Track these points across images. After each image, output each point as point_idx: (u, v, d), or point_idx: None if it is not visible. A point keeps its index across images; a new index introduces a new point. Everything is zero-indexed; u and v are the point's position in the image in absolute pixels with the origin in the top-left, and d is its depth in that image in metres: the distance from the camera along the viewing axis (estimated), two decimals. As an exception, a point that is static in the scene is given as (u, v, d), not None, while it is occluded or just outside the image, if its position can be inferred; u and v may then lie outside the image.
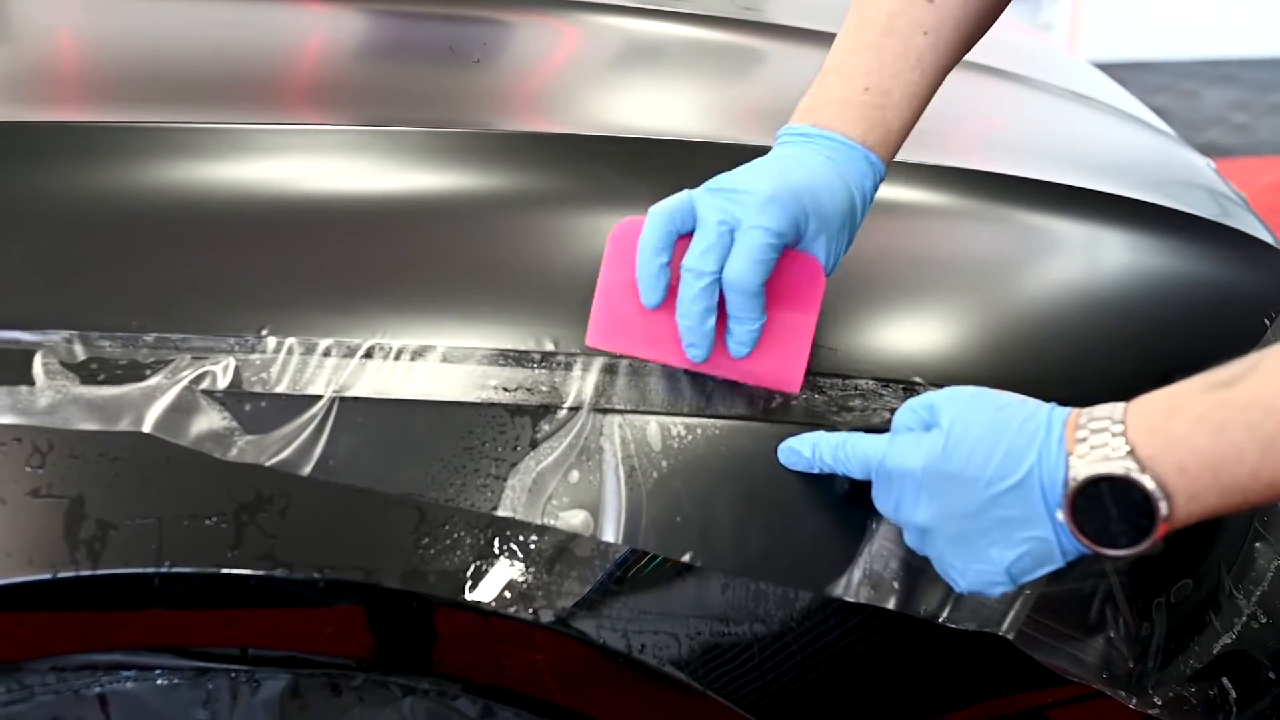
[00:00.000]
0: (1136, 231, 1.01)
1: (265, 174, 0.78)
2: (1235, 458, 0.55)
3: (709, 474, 0.71)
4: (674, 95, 1.05)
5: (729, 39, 1.24)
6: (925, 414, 0.66)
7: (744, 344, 0.69)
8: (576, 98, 1.01)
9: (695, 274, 0.67)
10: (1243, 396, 0.55)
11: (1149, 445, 0.57)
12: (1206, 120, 4.26)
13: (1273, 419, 0.54)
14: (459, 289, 0.74)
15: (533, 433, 0.70)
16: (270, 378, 0.69)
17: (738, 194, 0.68)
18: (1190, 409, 0.57)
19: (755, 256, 0.66)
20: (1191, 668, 0.83)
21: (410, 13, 1.16)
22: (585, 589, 0.69)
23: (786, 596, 0.71)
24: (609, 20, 1.21)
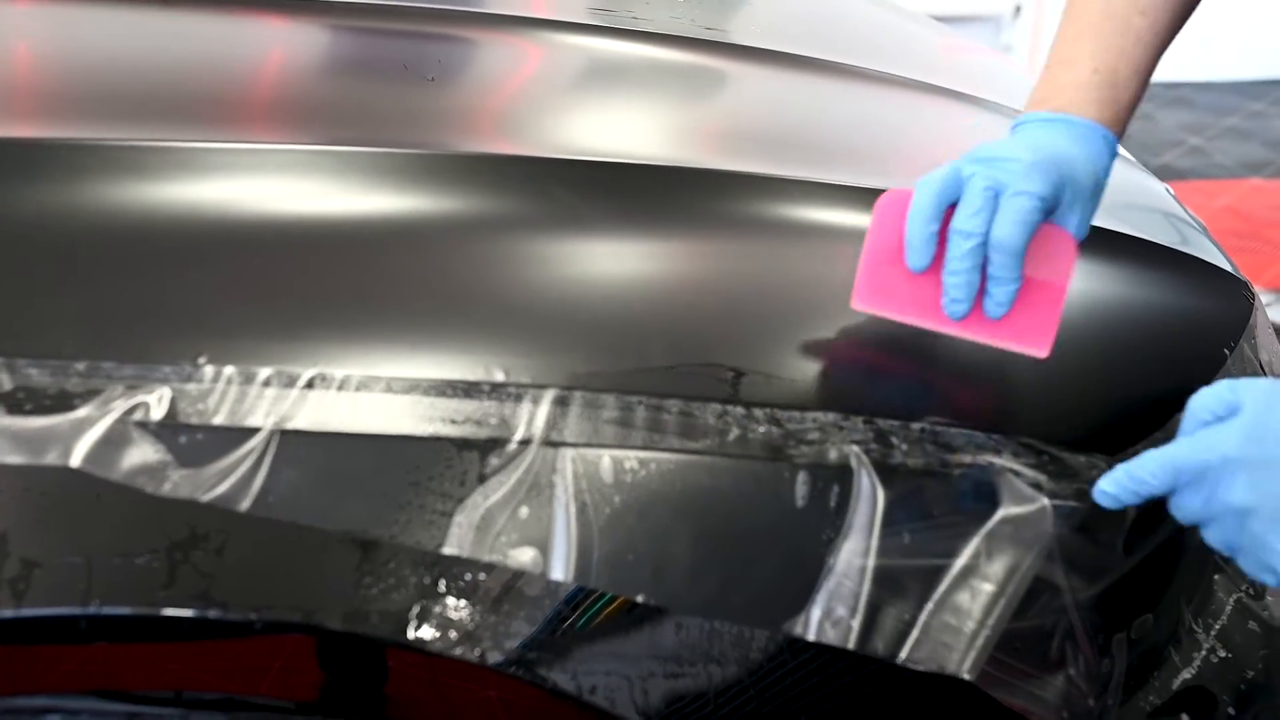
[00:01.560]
0: (1097, 259, 1.00)
1: (206, 195, 0.75)
2: None
3: (663, 510, 0.69)
4: (634, 117, 1.04)
5: (691, 60, 1.22)
6: (1222, 407, 0.69)
7: (1003, 304, 0.74)
8: (533, 118, 0.99)
9: (965, 235, 0.72)
10: None
11: None
12: (1162, 143, 4.31)
13: None
14: (407, 316, 0.72)
15: (481, 467, 0.68)
16: (207, 409, 0.67)
17: (1004, 161, 0.73)
18: None
19: (1020, 219, 0.71)
20: (1151, 704, 0.82)
21: (367, 29, 1.14)
22: (534, 629, 0.67)
23: (742, 636, 0.69)
24: (570, 39, 1.19)
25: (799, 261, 0.83)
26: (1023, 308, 0.75)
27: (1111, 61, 0.80)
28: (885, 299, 0.77)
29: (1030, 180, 0.72)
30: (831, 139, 1.11)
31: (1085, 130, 0.78)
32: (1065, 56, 0.81)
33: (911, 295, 0.76)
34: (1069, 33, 0.82)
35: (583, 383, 0.70)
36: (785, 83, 1.22)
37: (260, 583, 0.65)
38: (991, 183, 0.72)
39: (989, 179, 0.73)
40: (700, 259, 0.81)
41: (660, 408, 0.70)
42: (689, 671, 0.69)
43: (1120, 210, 1.17)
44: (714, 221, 0.83)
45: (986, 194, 0.72)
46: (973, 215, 0.72)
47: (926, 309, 0.76)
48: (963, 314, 0.74)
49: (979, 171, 0.73)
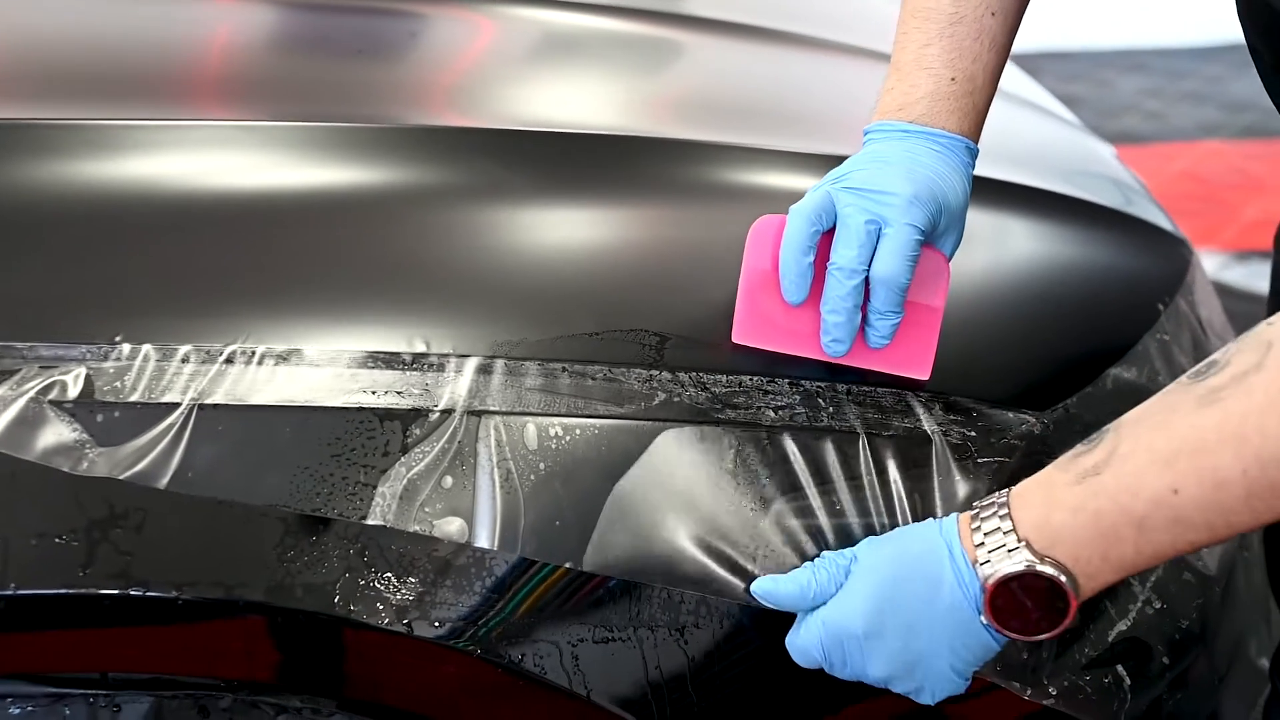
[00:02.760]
0: (1040, 220, 1.00)
1: (120, 172, 0.74)
2: (1116, 540, 0.60)
3: (589, 476, 0.69)
4: (566, 86, 1.03)
5: (645, 31, 1.21)
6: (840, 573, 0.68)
7: (885, 336, 0.73)
8: (464, 90, 0.98)
9: (847, 273, 0.70)
10: (1110, 484, 0.60)
11: (1040, 539, 0.62)
12: (1121, 108, 4.32)
13: (1139, 501, 0.59)
14: (327, 289, 0.71)
15: (403, 437, 0.67)
16: (124, 386, 0.66)
17: (881, 195, 0.70)
18: (1066, 501, 0.61)
19: (905, 253, 0.70)
20: (1087, 656, 0.83)
21: (303, 4, 1.13)
22: (461, 598, 0.67)
23: (670, 598, 0.69)
24: (515, 11, 1.18)
25: (724, 226, 0.82)
26: (902, 334, 0.74)
27: (968, 68, 0.76)
28: (765, 332, 0.74)
29: (912, 214, 0.70)
30: (769, 106, 1.10)
31: (952, 146, 0.75)
32: (918, 62, 0.77)
33: (790, 327, 0.74)
34: (918, 37, 0.77)
35: (506, 351, 0.70)
36: (726, 51, 1.21)
37: (181, 559, 0.65)
38: (872, 217, 0.70)
39: (869, 213, 0.70)
40: (624, 226, 0.81)
41: (585, 374, 0.70)
42: (621, 636, 0.69)
43: (1065, 173, 1.17)
44: (638, 188, 0.83)
45: (869, 228, 0.70)
46: (855, 251, 0.70)
47: (806, 341, 0.74)
48: (844, 352, 0.73)
49: (856, 204, 0.71)
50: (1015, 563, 0.62)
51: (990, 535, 0.63)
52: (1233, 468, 0.56)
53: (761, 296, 0.73)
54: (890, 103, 0.77)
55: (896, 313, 0.71)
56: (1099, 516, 0.60)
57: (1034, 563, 0.61)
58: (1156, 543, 0.60)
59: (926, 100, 0.75)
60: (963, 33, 0.76)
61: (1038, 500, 0.63)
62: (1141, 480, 0.59)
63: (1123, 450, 0.60)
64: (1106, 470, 0.60)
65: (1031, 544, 0.62)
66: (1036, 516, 0.62)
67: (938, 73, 0.76)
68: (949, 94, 0.76)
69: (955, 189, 0.74)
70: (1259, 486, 0.56)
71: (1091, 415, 0.86)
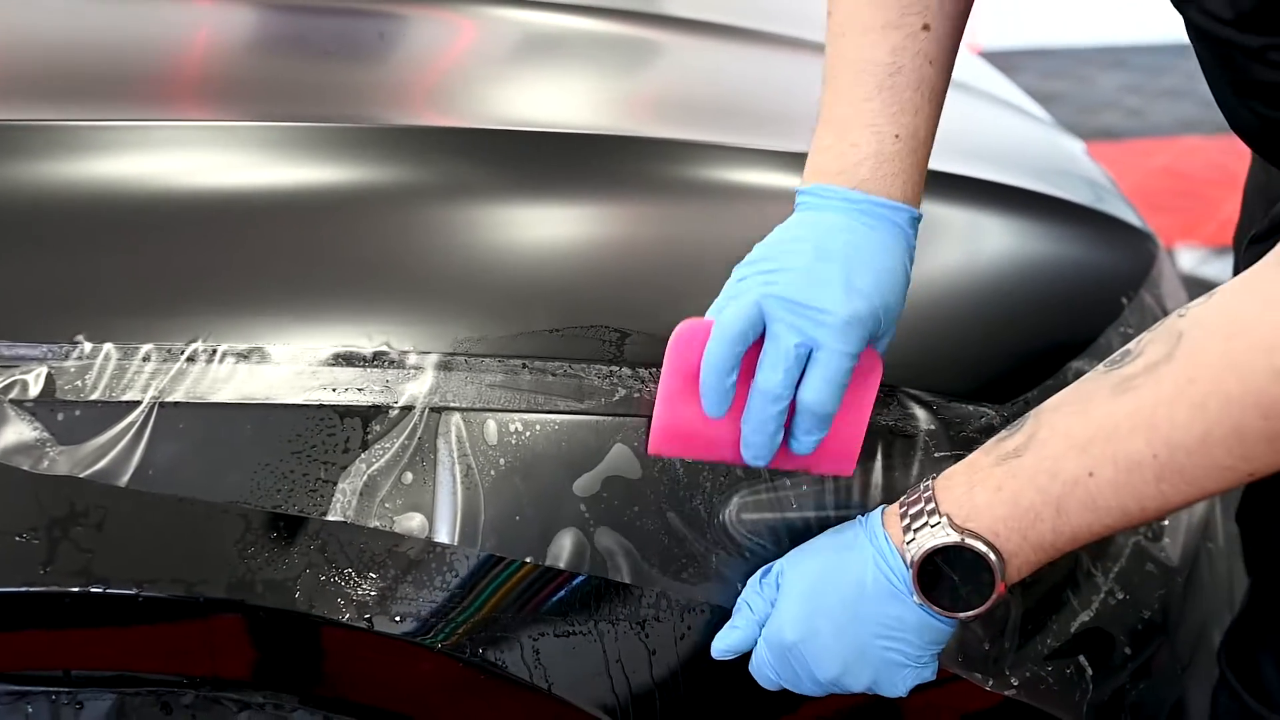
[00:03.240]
0: (1003, 215, 1.01)
1: (81, 172, 0.74)
2: (1035, 519, 0.62)
3: (549, 471, 0.69)
4: (532, 85, 1.04)
5: (616, 30, 1.22)
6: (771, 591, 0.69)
7: (808, 449, 0.68)
8: (418, 88, 0.98)
9: (771, 397, 0.65)
10: (1029, 466, 0.62)
11: (960, 514, 0.64)
12: (1101, 104, 4.35)
13: (1056, 483, 0.61)
14: (288, 287, 0.71)
15: (364, 434, 0.68)
16: (85, 385, 0.66)
17: (816, 313, 0.65)
18: (987, 481, 0.63)
19: (836, 381, 0.65)
20: (1049, 647, 0.84)
21: (263, 3, 1.13)
22: (421, 593, 0.67)
23: (630, 594, 0.70)
24: (487, 11, 1.18)
25: (686, 223, 0.83)
26: (828, 436, 0.69)
27: (910, 122, 0.71)
28: (683, 444, 0.70)
29: (847, 338, 0.65)
30: (737, 104, 1.11)
31: (897, 219, 0.70)
32: (858, 118, 0.71)
33: (709, 435, 0.69)
34: (856, 91, 0.71)
35: (467, 348, 0.70)
36: (696, 50, 1.22)
37: (142, 556, 0.65)
38: (803, 338, 0.65)
39: (800, 334, 0.65)
40: (585, 223, 0.81)
41: (545, 370, 0.71)
42: (582, 631, 0.70)
43: (1030, 168, 1.18)
44: (598, 185, 0.83)
45: (798, 351, 0.65)
46: (780, 375, 0.65)
47: (726, 449, 0.70)
48: (765, 464, 0.68)
49: (787, 321, 0.65)
50: (936, 537, 0.63)
51: (916, 517, 0.65)
52: (1144, 453, 0.58)
53: (680, 406, 0.68)
54: (828, 164, 0.71)
55: (822, 430, 0.67)
56: (1017, 496, 0.62)
57: (954, 535, 0.63)
58: (1074, 524, 0.62)
59: (870, 162, 0.70)
60: (902, 84, 0.71)
61: (961, 481, 0.65)
62: (1059, 463, 0.61)
63: (1041, 435, 0.62)
64: (1026, 453, 0.62)
65: (953, 518, 0.64)
66: (959, 495, 0.64)
67: (880, 130, 0.71)
68: (893, 154, 0.70)
69: (898, 283, 0.69)
70: (1168, 471, 0.58)
71: (1052, 408, 0.87)
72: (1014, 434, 0.64)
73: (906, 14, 0.71)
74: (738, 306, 0.66)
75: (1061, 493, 0.61)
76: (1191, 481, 0.59)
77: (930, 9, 0.71)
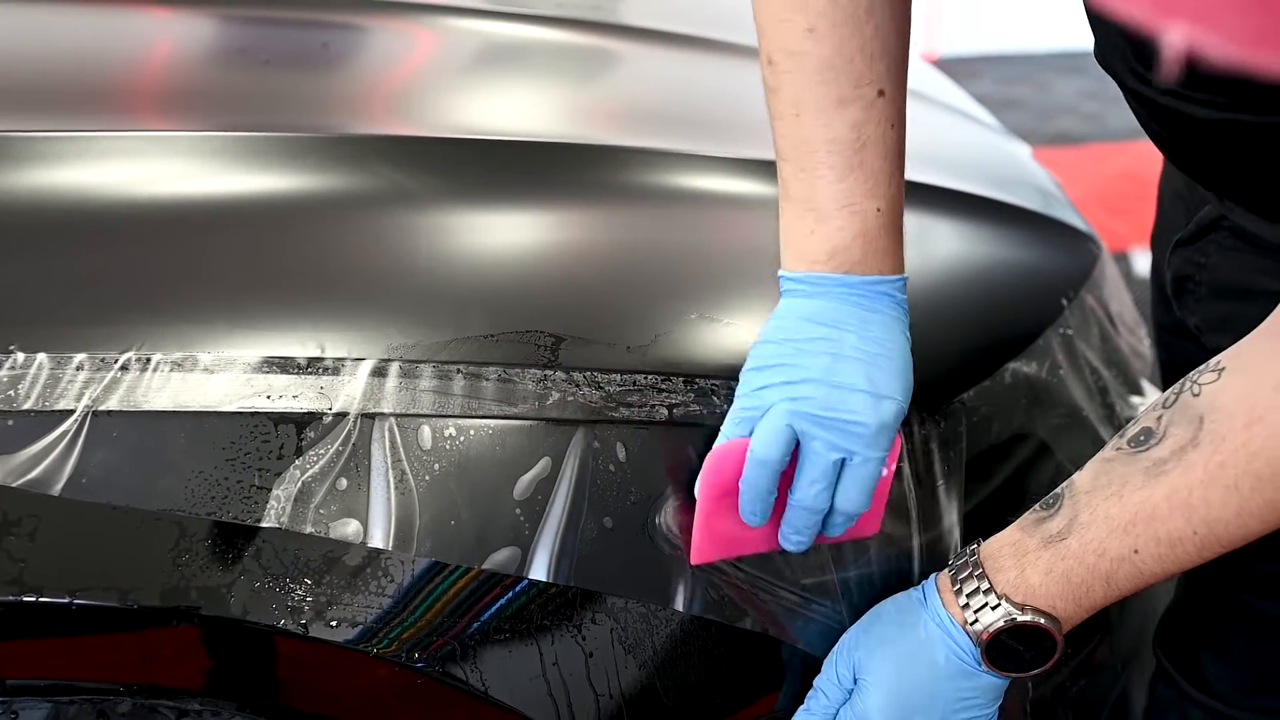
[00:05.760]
0: (942, 217, 1.02)
1: (13, 182, 0.74)
2: (1087, 591, 0.68)
3: (484, 476, 0.70)
4: (474, 94, 1.04)
5: (572, 40, 1.22)
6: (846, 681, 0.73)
7: (841, 532, 0.73)
8: (362, 99, 0.99)
9: (812, 510, 0.70)
10: (1075, 548, 0.67)
11: (1017, 594, 0.68)
12: (1058, 109, 4.40)
13: (1104, 561, 0.66)
14: (222, 295, 0.71)
15: (298, 441, 0.68)
16: (18, 395, 0.66)
17: (848, 425, 0.68)
18: (1037, 563, 0.68)
19: (871, 484, 0.70)
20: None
21: (209, 14, 1.13)
22: (357, 599, 0.68)
23: (567, 597, 0.71)
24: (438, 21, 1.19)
25: (616, 228, 0.84)
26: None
27: (886, 191, 0.71)
28: (723, 548, 0.73)
29: (878, 445, 0.69)
30: (688, 112, 1.12)
31: (894, 289, 0.72)
32: (837, 199, 0.70)
33: (748, 537, 0.73)
34: (828, 173, 0.70)
35: (401, 354, 0.71)
36: (646, 58, 1.23)
37: (75, 565, 0.65)
38: (837, 450, 0.68)
39: (835, 449, 0.68)
40: (519, 228, 0.82)
41: (480, 375, 0.71)
42: (521, 634, 0.70)
43: (972, 171, 1.19)
44: (531, 191, 0.84)
45: (834, 464, 0.68)
46: (820, 490, 0.69)
47: (764, 543, 0.73)
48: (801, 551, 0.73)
49: (824, 439, 0.68)
50: (1000, 618, 0.68)
51: (972, 596, 0.69)
52: (1184, 530, 0.64)
53: (719, 520, 0.71)
54: (815, 249, 0.71)
55: (854, 520, 0.72)
56: (1069, 576, 0.67)
57: (1016, 615, 0.68)
58: (1123, 590, 0.67)
59: (860, 243, 0.70)
60: (870, 157, 0.70)
61: (1010, 563, 0.69)
62: (1104, 545, 0.66)
63: (1082, 519, 0.67)
64: (1071, 536, 0.67)
65: (1010, 598, 0.68)
66: (1012, 577, 0.69)
67: (862, 208, 0.70)
68: (878, 229, 0.71)
69: (908, 361, 0.71)
70: (1208, 542, 0.64)
71: (988, 408, 0.89)
72: (1054, 516, 0.69)
73: (860, 85, 0.69)
74: (769, 429, 0.68)
75: (1110, 569, 0.66)
76: (1229, 545, 0.64)
77: (880, 73, 0.70)
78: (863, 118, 0.70)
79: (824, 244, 0.71)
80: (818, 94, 0.69)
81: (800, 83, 0.69)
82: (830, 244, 0.71)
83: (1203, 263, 0.84)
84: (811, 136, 0.70)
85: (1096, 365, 1.04)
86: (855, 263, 0.71)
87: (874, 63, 0.69)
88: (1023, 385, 0.93)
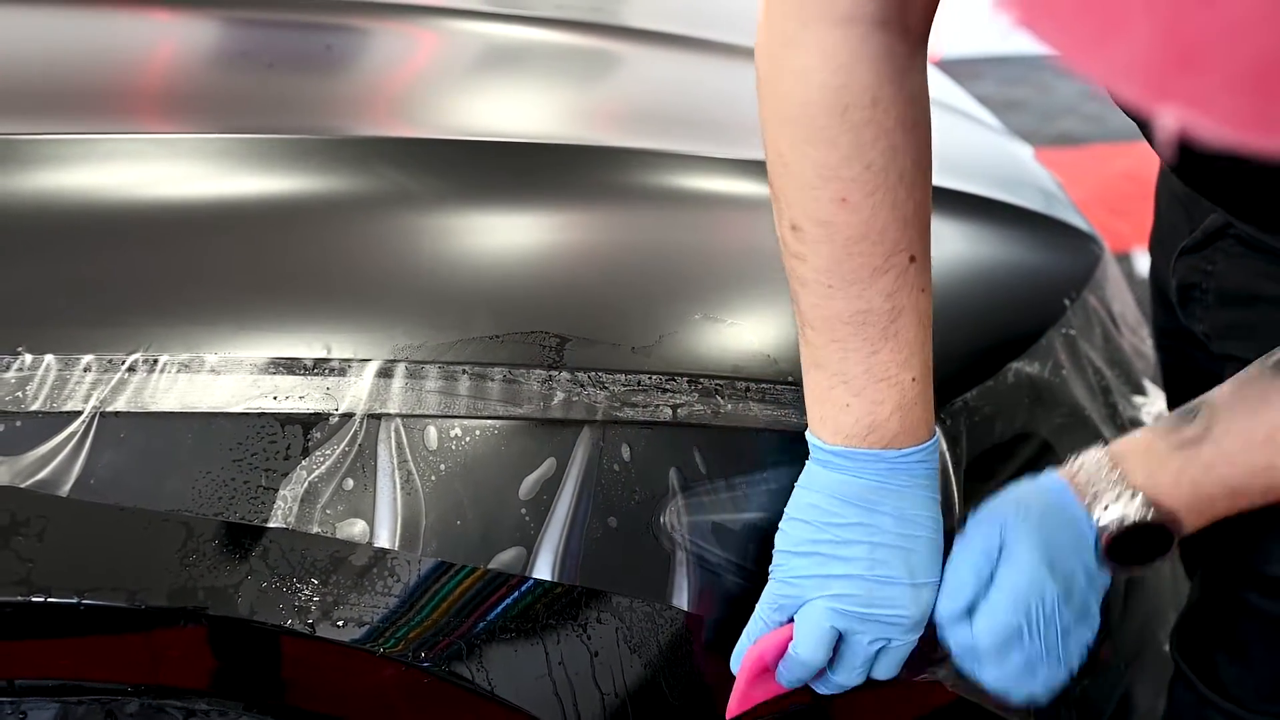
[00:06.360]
0: (945, 218, 1.03)
1: (21, 185, 0.75)
2: (1210, 503, 0.68)
3: (489, 476, 0.70)
4: (479, 96, 1.04)
5: (574, 42, 1.23)
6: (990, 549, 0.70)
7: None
8: (365, 101, 0.99)
9: (848, 687, 0.70)
10: (1207, 456, 0.67)
11: (1147, 494, 0.68)
12: (1060, 110, 4.39)
13: (1235, 472, 0.67)
14: (229, 297, 0.72)
15: (305, 441, 0.68)
16: (26, 396, 0.67)
17: (890, 618, 0.68)
18: (1167, 465, 0.68)
19: (903, 660, 0.70)
20: (992, 643, 0.85)
21: (215, 16, 1.13)
22: (364, 599, 0.68)
23: (572, 596, 0.71)
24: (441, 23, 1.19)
25: (620, 229, 0.84)
26: None
27: (920, 358, 0.69)
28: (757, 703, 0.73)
29: (916, 631, 0.69)
30: (689, 113, 1.12)
31: (928, 463, 0.70)
32: (872, 373, 0.68)
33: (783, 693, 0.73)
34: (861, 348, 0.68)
35: (407, 355, 0.71)
36: (650, 60, 1.23)
37: (83, 566, 0.65)
38: (878, 639, 0.68)
39: (875, 639, 0.68)
40: (522, 229, 0.82)
41: (485, 376, 0.72)
42: (521, 628, 0.71)
43: (975, 172, 1.20)
44: (536, 192, 0.84)
45: (875, 652, 0.69)
46: (859, 674, 0.70)
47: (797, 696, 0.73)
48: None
49: (862, 633, 0.68)
50: (1133, 512, 0.68)
51: (1104, 490, 0.69)
52: None
53: (754, 689, 0.71)
54: (852, 424, 0.68)
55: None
56: (1197, 484, 0.68)
57: (1147, 510, 0.68)
58: (1249, 503, 0.68)
59: (897, 416, 0.68)
60: (904, 325, 0.68)
61: (1139, 463, 0.69)
62: (1237, 457, 0.67)
63: (1217, 430, 0.67)
64: (1204, 444, 0.67)
65: (1145, 494, 0.68)
66: (1140, 477, 0.69)
67: (898, 379, 0.68)
68: (914, 400, 0.69)
69: (938, 532, 0.70)
70: None
71: (990, 408, 0.89)
72: (1190, 423, 0.69)
73: (892, 255, 0.66)
74: (813, 631, 0.67)
75: (1240, 482, 0.67)
76: None
77: (911, 238, 0.67)
78: (895, 286, 0.67)
79: (861, 419, 0.68)
80: (851, 265, 0.66)
81: (832, 254, 0.67)
82: (869, 419, 0.68)
83: (1209, 270, 0.84)
84: (844, 309, 0.67)
85: (1099, 365, 1.05)
86: (892, 437, 0.68)
87: (906, 229, 0.67)
88: (1025, 385, 0.93)
